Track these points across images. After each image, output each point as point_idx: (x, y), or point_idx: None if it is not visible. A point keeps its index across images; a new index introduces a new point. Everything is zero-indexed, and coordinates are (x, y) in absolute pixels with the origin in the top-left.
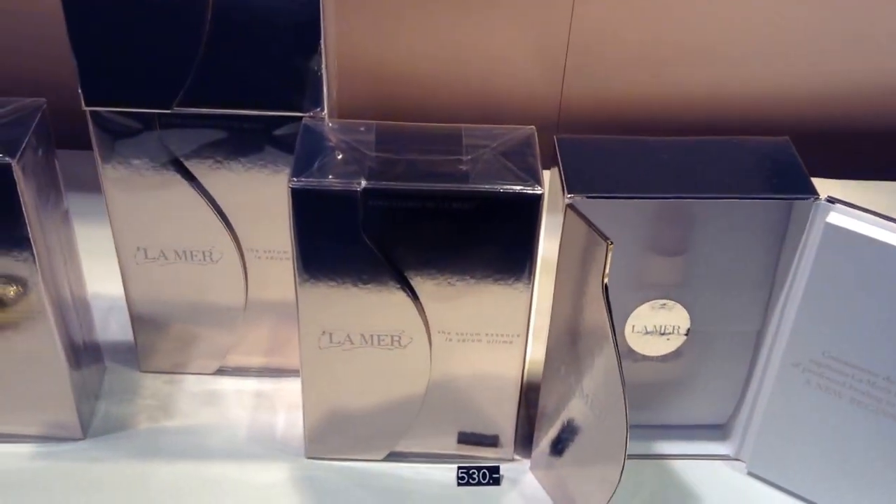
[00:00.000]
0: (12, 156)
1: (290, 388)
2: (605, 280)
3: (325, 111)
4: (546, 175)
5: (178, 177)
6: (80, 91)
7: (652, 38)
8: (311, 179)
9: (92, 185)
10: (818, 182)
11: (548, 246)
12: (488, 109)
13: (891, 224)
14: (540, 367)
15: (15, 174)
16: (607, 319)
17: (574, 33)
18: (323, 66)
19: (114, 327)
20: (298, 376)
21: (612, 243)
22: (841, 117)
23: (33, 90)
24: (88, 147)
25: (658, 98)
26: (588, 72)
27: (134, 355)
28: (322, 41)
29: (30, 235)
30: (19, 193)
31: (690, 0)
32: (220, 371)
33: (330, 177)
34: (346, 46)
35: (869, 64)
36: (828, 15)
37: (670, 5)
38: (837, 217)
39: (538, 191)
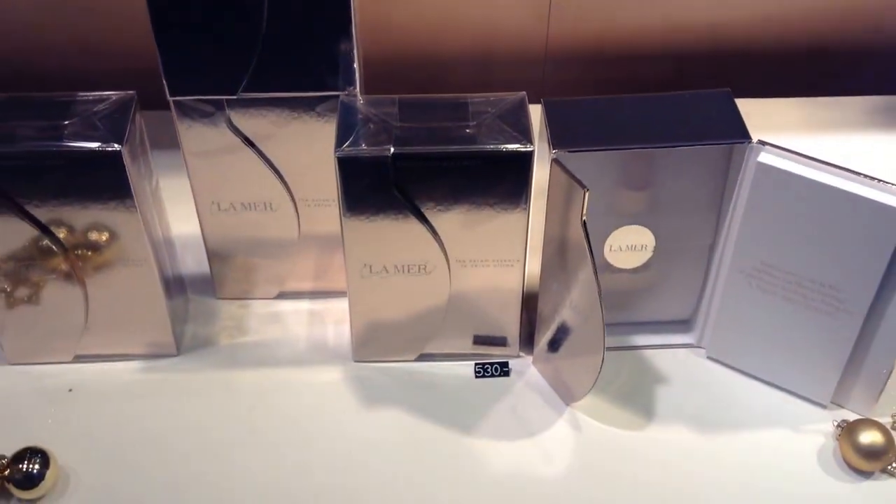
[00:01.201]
0: (120, 143)
1: (337, 307)
2: (584, 218)
3: (357, 88)
4: (536, 109)
5: (243, 146)
6: (164, 83)
7: None
8: (351, 148)
9: (164, 143)
10: (786, 101)
11: (539, 175)
12: (482, 50)
13: (809, 161)
14: (538, 279)
15: (124, 158)
16: (586, 246)
17: None
18: (355, 50)
19: (190, 262)
20: (343, 297)
21: (587, 190)
22: (796, 38)
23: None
24: (165, 107)
25: (637, 30)
26: (570, 6)
27: (210, 286)
28: (354, 26)
29: (135, 202)
30: (126, 172)
31: None
32: (280, 295)
33: (366, 145)
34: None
35: None
36: None
37: None
38: (766, 157)
39: (530, 148)
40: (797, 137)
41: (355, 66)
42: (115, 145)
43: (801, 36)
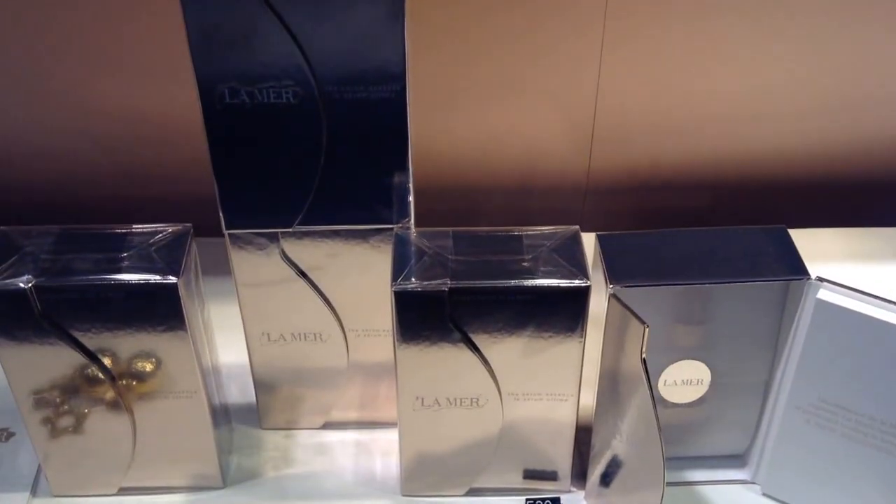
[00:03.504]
0: (176, 275)
1: (384, 438)
2: (644, 356)
3: (412, 220)
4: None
5: (296, 276)
6: (221, 216)
7: (667, 109)
8: (407, 283)
9: (219, 270)
10: (826, 231)
11: (593, 305)
12: (526, 182)
13: (868, 298)
14: (591, 411)
15: (180, 290)
16: (646, 382)
17: (599, 110)
18: (410, 181)
19: (234, 391)
20: (390, 427)
21: (647, 326)
22: (844, 170)
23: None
24: (217, 234)
25: (676, 162)
26: (612, 141)
27: (254, 415)
28: (409, 158)
29: (188, 331)
30: (181, 304)
31: (702, 72)
32: (326, 425)
33: (423, 280)
34: None
35: (868, 123)
36: (832, 79)
37: (684, 79)
38: (826, 294)
39: (587, 283)
40: (837, 269)
41: (410, 198)
42: (172, 278)
43: (843, 167)
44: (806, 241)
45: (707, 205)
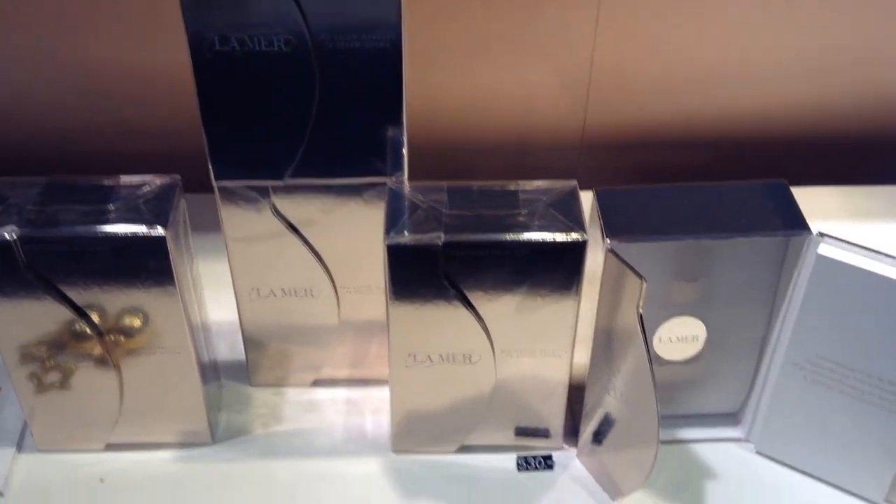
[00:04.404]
0: (164, 227)
1: (375, 396)
2: (640, 310)
3: (405, 174)
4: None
5: (286, 231)
6: (210, 167)
7: (663, 65)
8: (401, 237)
9: (209, 226)
10: (826, 189)
11: (588, 262)
12: (521, 139)
13: (870, 254)
14: (583, 369)
15: (168, 243)
16: (641, 337)
17: (595, 66)
18: (404, 135)
19: (224, 348)
20: (381, 385)
21: (645, 281)
22: (839, 128)
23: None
24: (207, 190)
25: (673, 120)
26: (607, 98)
27: (244, 372)
28: (403, 111)
29: (177, 286)
30: (169, 257)
31: (698, 30)
32: (316, 383)
33: (416, 233)
34: None
35: (867, 79)
36: (828, 38)
37: (679, 36)
38: (826, 249)
39: (584, 238)
40: (837, 226)
41: (404, 151)
42: (160, 230)
43: (845, 124)
44: (806, 198)
45: (704, 163)
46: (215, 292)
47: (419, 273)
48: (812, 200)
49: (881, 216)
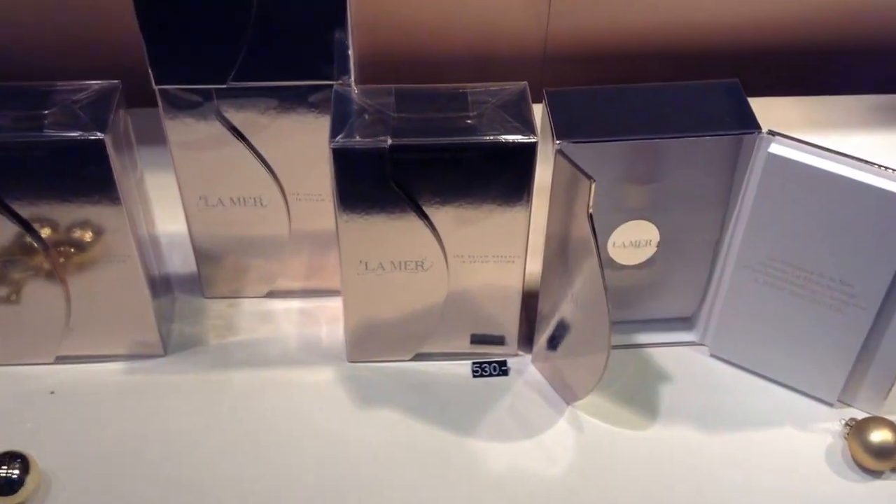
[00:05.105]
0: (103, 131)
1: (329, 305)
2: (590, 211)
3: (353, 77)
4: (537, 109)
5: (233, 137)
6: (150, 72)
7: None
8: (346, 140)
9: (151, 138)
10: (786, 99)
11: (540, 172)
12: (482, 50)
13: (820, 152)
14: (537, 277)
15: (107, 147)
16: (592, 240)
17: None
18: (350, 38)
19: (177, 261)
20: (335, 295)
21: (594, 181)
22: (805, 37)
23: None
24: (151, 104)
25: (636, 31)
26: (569, 9)
27: (198, 284)
28: (348, 12)
29: (119, 194)
30: (110, 162)
31: None
32: (271, 294)
33: (362, 136)
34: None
35: None
36: None
37: None
38: (777, 147)
39: (533, 139)
40: (799, 135)
41: (350, 53)
42: (98, 134)
43: (804, 35)
44: (766, 108)
45: (668, 75)
46: (170, 207)
47: (366, 178)
48: (772, 110)
49: (840, 126)
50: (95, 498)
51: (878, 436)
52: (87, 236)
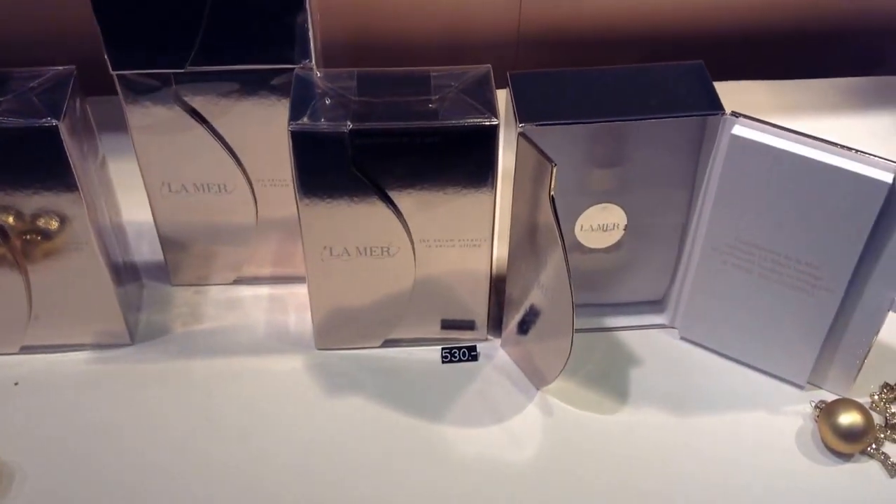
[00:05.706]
0: (57, 118)
1: (298, 292)
2: (552, 193)
3: (313, 61)
4: (502, 95)
5: (194, 122)
6: (106, 58)
7: None
8: (306, 123)
9: (119, 126)
10: (755, 83)
11: (507, 157)
12: (454, 32)
13: (783, 133)
14: (505, 262)
15: (61, 133)
16: (555, 224)
17: None
18: (309, 21)
19: (145, 249)
20: (304, 282)
21: (555, 165)
22: (773, 21)
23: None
24: (113, 92)
25: (609, 16)
26: None
27: (165, 272)
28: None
29: (77, 181)
30: (65, 148)
31: None
32: (238, 281)
33: (322, 120)
34: None
35: None
36: None
37: None
38: (741, 129)
39: (494, 122)
40: (768, 118)
41: (310, 36)
42: (52, 121)
43: (774, 18)
44: (735, 92)
45: (642, 58)
46: (139, 195)
47: (327, 162)
48: (742, 94)
49: (809, 109)
50: (61, 489)
51: (848, 418)
52: (53, 224)
